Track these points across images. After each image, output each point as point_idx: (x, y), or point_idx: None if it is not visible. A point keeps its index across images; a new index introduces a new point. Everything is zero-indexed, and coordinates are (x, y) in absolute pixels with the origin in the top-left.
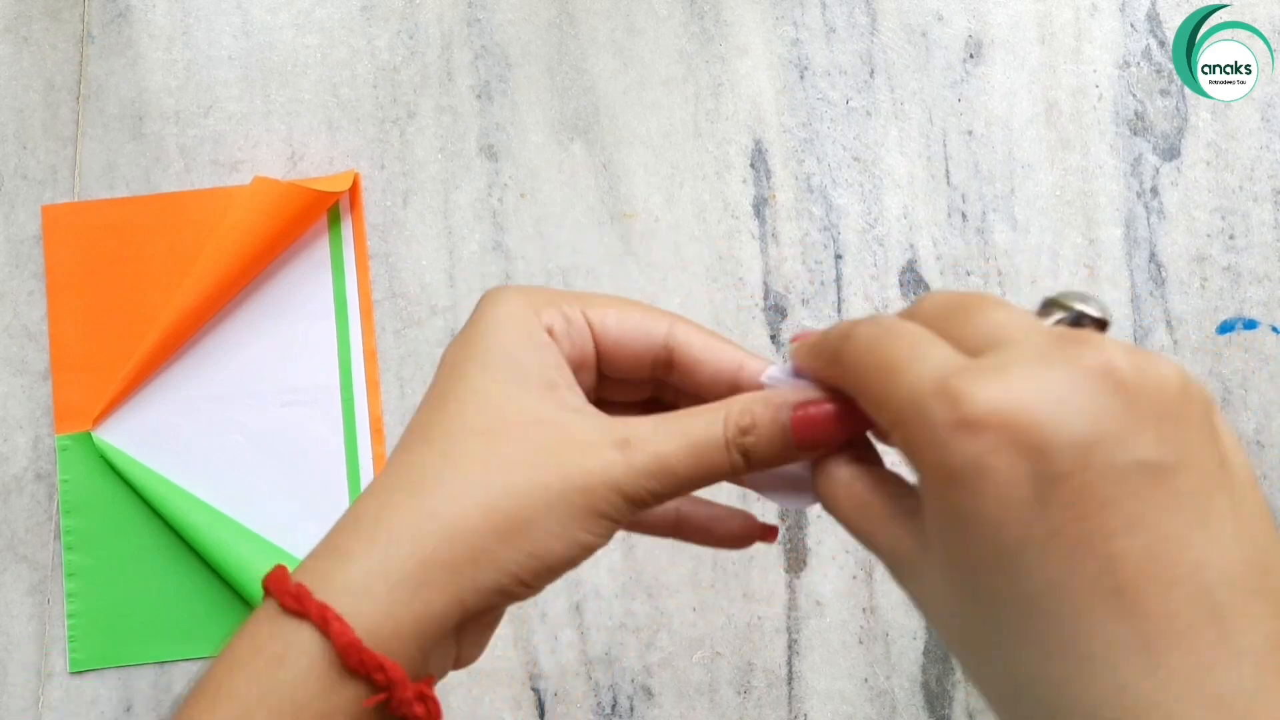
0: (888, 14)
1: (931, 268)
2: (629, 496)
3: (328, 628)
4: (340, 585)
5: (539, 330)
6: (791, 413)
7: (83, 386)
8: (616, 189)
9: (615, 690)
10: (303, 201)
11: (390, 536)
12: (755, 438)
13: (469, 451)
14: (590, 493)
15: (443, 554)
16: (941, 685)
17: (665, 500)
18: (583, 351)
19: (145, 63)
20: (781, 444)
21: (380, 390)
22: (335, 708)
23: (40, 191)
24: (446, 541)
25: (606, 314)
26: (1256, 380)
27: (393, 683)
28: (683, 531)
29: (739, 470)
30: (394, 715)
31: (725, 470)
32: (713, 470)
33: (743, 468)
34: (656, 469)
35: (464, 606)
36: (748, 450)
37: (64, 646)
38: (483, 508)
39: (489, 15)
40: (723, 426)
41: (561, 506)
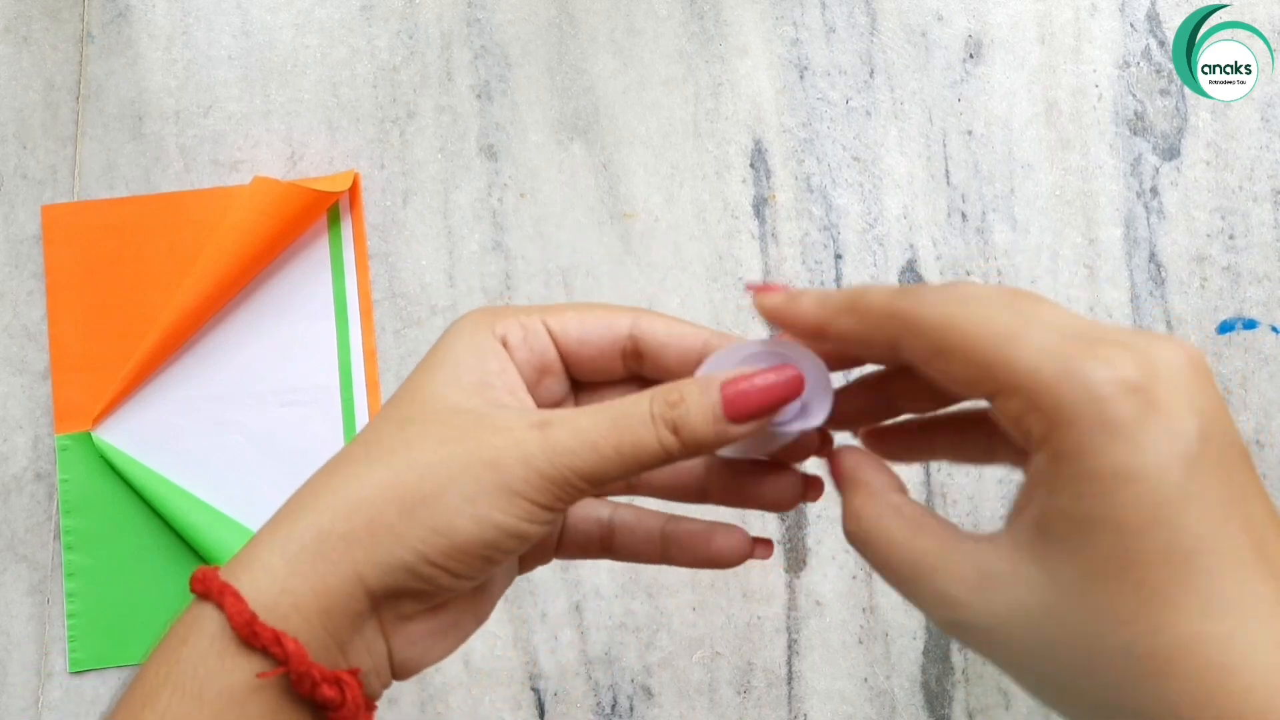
0: (888, 14)
1: (931, 268)
2: (548, 475)
3: (224, 603)
4: (244, 563)
5: (488, 338)
6: (721, 385)
7: (83, 386)
8: (616, 189)
9: (615, 690)
10: (303, 201)
11: (293, 514)
12: (683, 410)
13: (384, 436)
14: (499, 468)
15: (339, 526)
16: (941, 685)
17: (597, 483)
18: (543, 358)
19: (145, 63)
20: (712, 416)
21: (380, 390)
22: (238, 684)
23: (40, 191)
24: (343, 513)
25: (565, 318)
26: (1256, 380)
27: (289, 656)
28: (671, 552)
29: (671, 449)
30: (306, 699)
31: (654, 448)
32: (640, 447)
33: (674, 445)
34: (576, 444)
35: (364, 581)
36: (676, 424)
37: (64, 646)
38: (383, 482)
39: (489, 15)
40: (649, 402)
41: (467, 481)
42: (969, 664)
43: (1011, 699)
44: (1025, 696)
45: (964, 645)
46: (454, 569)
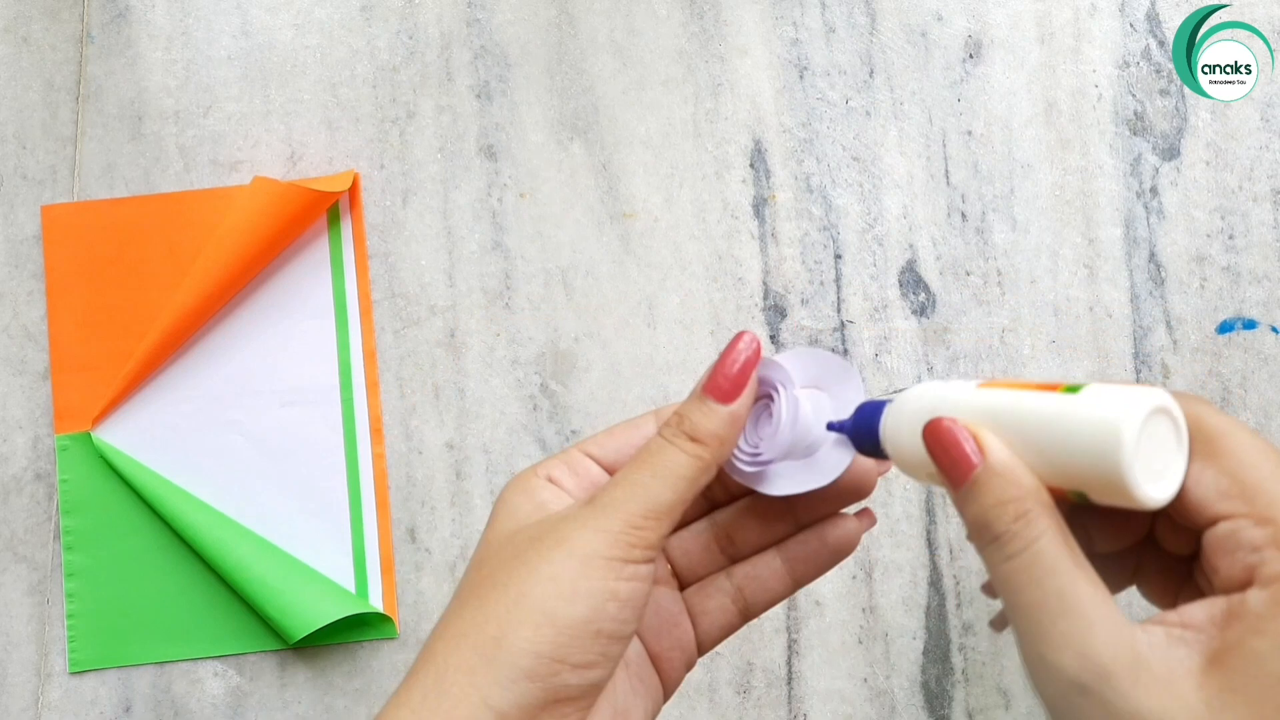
0: (887, 14)
1: (931, 268)
2: (611, 530)
3: None
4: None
5: (536, 482)
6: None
7: (82, 386)
8: (616, 189)
9: None
10: (302, 201)
11: (412, 673)
12: (688, 419)
13: (465, 585)
14: (568, 542)
15: (452, 660)
16: (941, 685)
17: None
18: (595, 482)
19: (145, 63)
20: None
21: (380, 390)
22: None
23: (40, 191)
24: (451, 647)
25: (600, 441)
26: (1256, 380)
27: None
28: (799, 574)
29: (701, 454)
30: None
31: (686, 459)
32: (675, 466)
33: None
34: (622, 493)
35: (493, 707)
36: (689, 432)
37: (64, 646)
38: (477, 611)
39: (489, 15)
40: (660, 431)
41: (546, 568)
42: (969, 664)
43: (1011, 699)
44: (1025, 696)
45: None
46: (573, 658)
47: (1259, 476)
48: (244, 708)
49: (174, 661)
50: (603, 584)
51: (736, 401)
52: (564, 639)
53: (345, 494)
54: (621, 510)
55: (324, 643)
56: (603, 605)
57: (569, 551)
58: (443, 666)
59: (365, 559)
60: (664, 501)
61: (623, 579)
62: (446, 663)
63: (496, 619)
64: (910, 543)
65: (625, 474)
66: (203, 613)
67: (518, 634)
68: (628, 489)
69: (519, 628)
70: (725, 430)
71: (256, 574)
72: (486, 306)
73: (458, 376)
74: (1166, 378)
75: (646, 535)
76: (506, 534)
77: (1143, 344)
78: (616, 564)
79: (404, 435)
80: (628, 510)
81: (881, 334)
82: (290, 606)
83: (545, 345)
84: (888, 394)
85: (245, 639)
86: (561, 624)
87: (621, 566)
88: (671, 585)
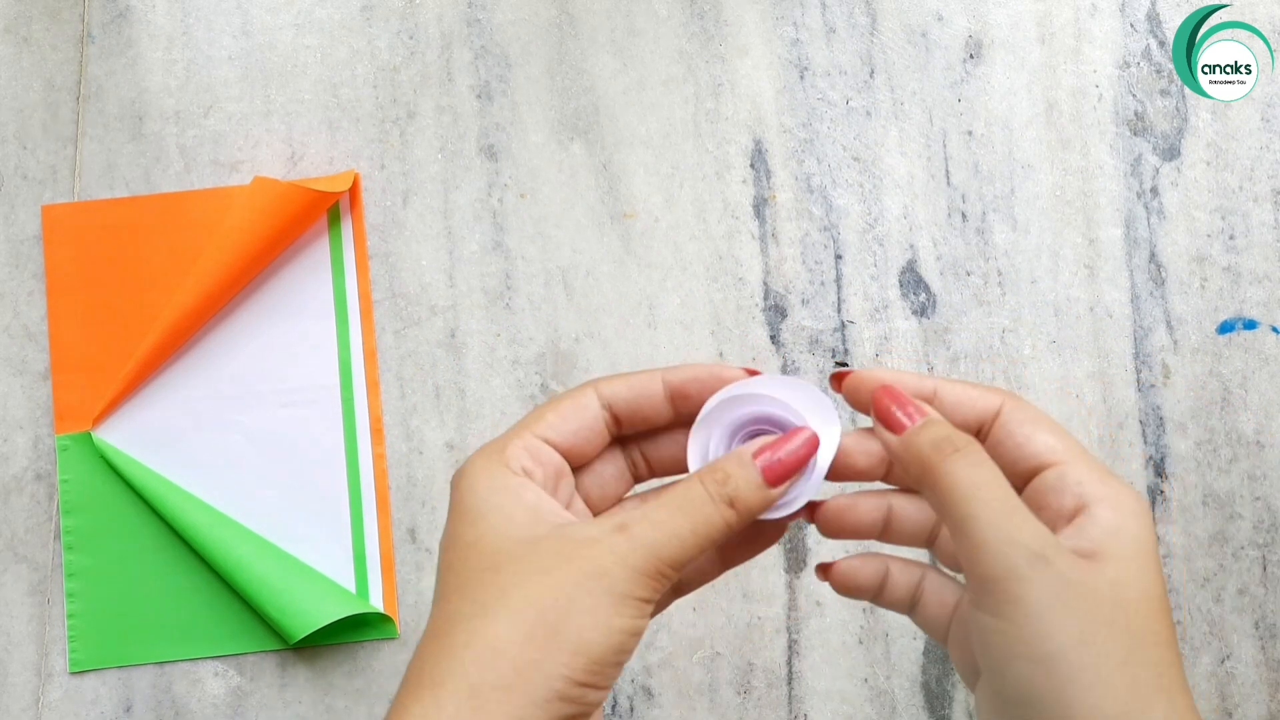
0: (888, 14)
1: (931, 268)
2: (645, 570)
3: None
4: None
5: (513, 478)
6: (754, 461)
7: (83, 386)
8: (616, 189)
9: (615, 690)
10: (303, 201)
11: (433, 680)
12: (733, 485)
13: (480, 587)
14: (607, 576)
15: (489, 677)
16: (941, 685)
17: (681, 566)
18: (556, 468)
19: (145, 63)
20: (757, 485)
21: (380, 390)
22: None
23: (40, 191)
24: (488, 664)
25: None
26: (1256, 380)
27: None
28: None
29: (731, 520)
30: None
31: (719, 522)
32: (710, 525)
33: (733, 517)
34: (660, 536)
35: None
36: (731, 499)
37: (64, 646)
38: (511, 626)
39: (489, 15)
40: (702, 486)
41: (584, 598)
42: None
43: None
44: None
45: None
46: (597, 682)
47: (1065, 439)
48: (244, 708)
49: (174, 661)
50: (632, 622)
51: (782, 487)
52: (595, 668)
53: (345, 494)
54: (656, 554)
55: (324, 643)
56: (627, 640)
57: (607, 589)
58: (477, 682)
59: (365, 559)
60: (690, 553)
61: (644, 616)
62: (482, 679)
63: (536, 644)
64: None
65: (662, 516)
66: (203, 613)
67: (556, 660)
68: (665, 533)
69: (558, 654)
70: (761, 508)
71: (257, 574)
72: (487, 306)
73: (458, 376)
74: (1167, 378)
75: (668, 579)
76: (512, 539)
77: (1143, 344)
78: (643, 604)
79: (404, 435)
80: (661, 556)
81: (882, 334)
82: (290, 606)
83: (546, 345)
84: None
85: (245, 639)
86: (595, 656)
87: (646, 606)
88: None
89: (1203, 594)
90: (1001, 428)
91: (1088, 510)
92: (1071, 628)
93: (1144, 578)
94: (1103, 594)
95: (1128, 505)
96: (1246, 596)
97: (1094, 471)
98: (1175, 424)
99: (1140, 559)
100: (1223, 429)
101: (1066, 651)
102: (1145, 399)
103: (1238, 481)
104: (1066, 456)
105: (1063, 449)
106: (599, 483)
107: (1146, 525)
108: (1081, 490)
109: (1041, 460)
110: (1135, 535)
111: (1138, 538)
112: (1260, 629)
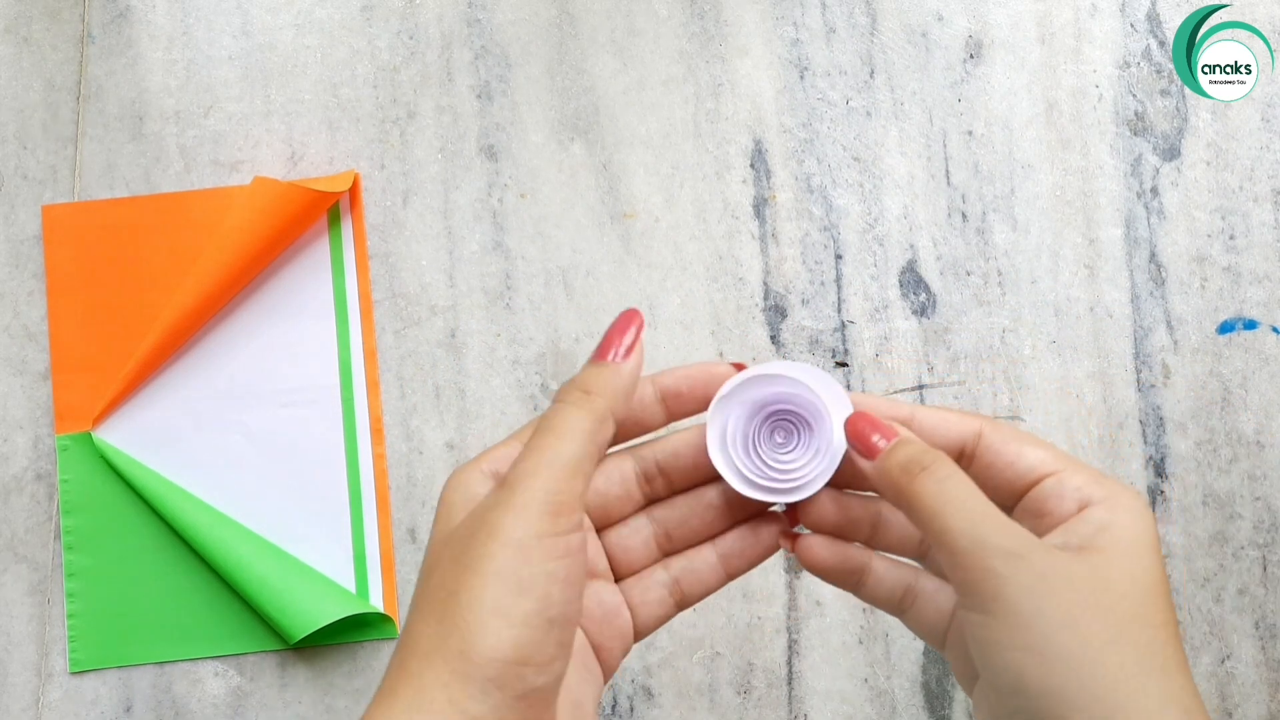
0: (888, 14)
1: (931, 268)
2: (536, 504)
3: None
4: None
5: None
6: (595, 353)
7: (83, 386)
8: (616, 189)
9: (615, 690)
10: (303, 201)
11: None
12: (580, 381)
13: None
14: (499, 531)
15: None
16: (941, 685)
17: (575, 477)
18: None
19: (145, 63)
20: (598, 365)
21: (380, 390)
22: None
23: (40, 191)
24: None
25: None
26: (1256, 380)
27: None
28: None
29: (597, 409)
30: None
31: (581, 415)
32: (570, 421)
33: (593, 404)
34: (532, 463)
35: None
36: (585, 388)
37: (64, 646)
38: (428, 612)
39: (489, 15)
40: (554, 401)
41: (490, 564)
42: None
43: None
44: None
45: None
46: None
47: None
48: (244, 708)
49: (174, 661)
50: (542, 567)
51: (630, 360)
52: (523, 638)
53: (346, 494)
54: (535, 481)
55: (324, 643)
56: (548, 591)
57: (503, 542)
58: (419, 683)
59: (366, 559)
60: (571, 458)
61: (556, 558)
62: (423, 679)
63: (458, 632)
64: None
65: (528, 445)
66: (203, 613)
67: (481, 644)
68: (534, 458)
69: (480, 637)
70: (616, 380)
71: (257, 574)
72: (487, 306)
73: (458, 376)
74: (1167, 378)
75: (565, 499)
76: (446, 536)
77: (1143, 344)
78: (548, 541)
79: (404, 435)
80: (541, 479)
81: (882, 334)
82: (290, 606)
83: (546, 345)
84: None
85: (246, 639)
86: (516, 620)
87: (554, 543)
88: (609, 579)
89: (1203, 594)
90: (987, 450)
91: (1084, 510)
92: (1053, 613)
93: (1136, 566)
94: (1085, 581)
95: (1123, 502)
96: (1246, 596)
97: (1091, 476)
98: (1175, 424)
99: (1134, 550)
100: (1223, 429)
101: (1051, 636)
102: (1145, 399)
103: (1238, 481)
104: (1062, 465)
105: (1054, 459)
106: (596, 491)
107: (1142, 519)
108: (1081, 494)
109: (1037, 473)
110: (1128, 528)
111: (1131, 531)
112: (1260, 629)
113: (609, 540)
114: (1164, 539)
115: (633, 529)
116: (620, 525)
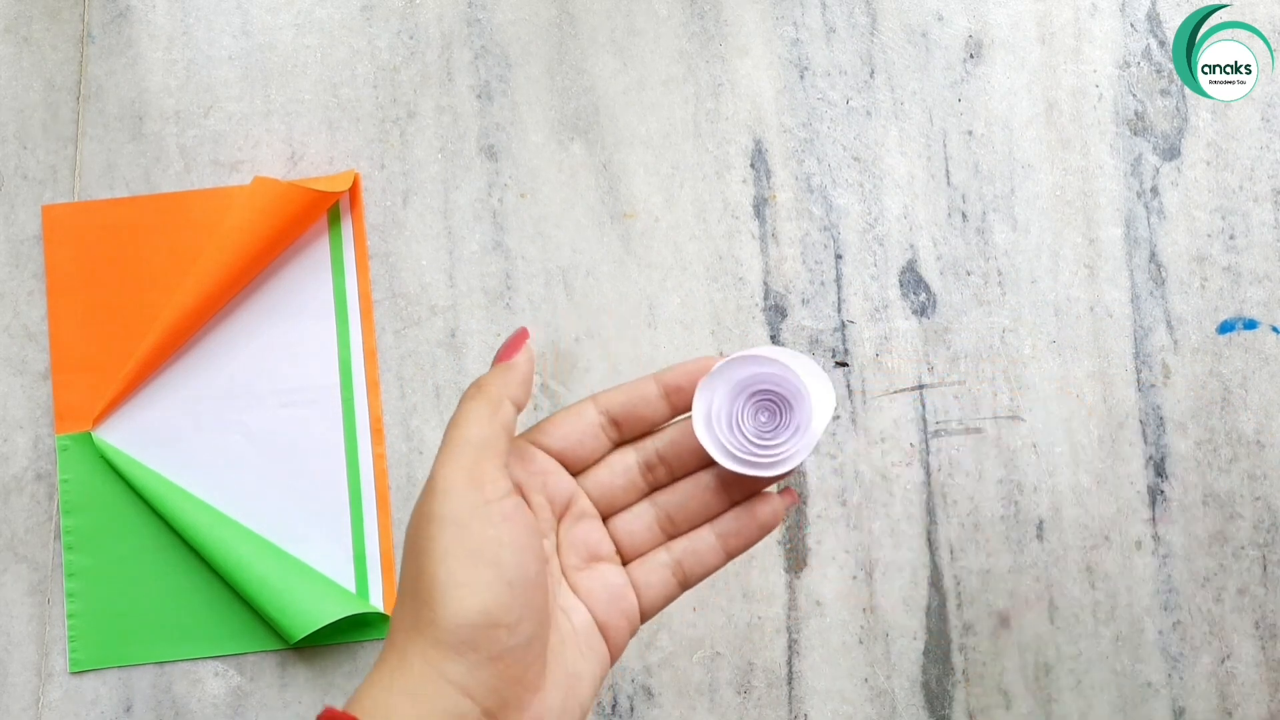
0: (888, 14)
1: (931, 268)
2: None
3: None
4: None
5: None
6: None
7: (83, 386)
8: (616, 189)
9: (615, 690)
10: (303, 201)
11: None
12: (480, 382)
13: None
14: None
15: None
16: (941, 685)
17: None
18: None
19: (145, 63)
20: (494, 367)
21: (380, 390)
22: None
23: (40, 191)
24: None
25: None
26: (1256, 380)
27: None
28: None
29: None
30: None
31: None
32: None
33: (485, 393)
34: (447, 453)
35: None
36: (478, 384)
37: (64, 646)
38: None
39: (489, 15)
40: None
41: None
42: (969, 664)
43: (1012, 699)
44: (1025, 696)
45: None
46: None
47: None
48: (244, 708)
49: (174, 661)
50: (483, 535)
51: (517, 356)
52: (487, 602)
53: (346, 494)
54: (450, 464)
55: (324, 643)
56: (497, 555)
57: (440, 524)
58: (402, 653)
59: (365, 559)
60: (476, 437)
61: (494, 524)
62: (406, 651)
63: (428, 607)
64: (911, 543)
65: (442, 440)
66: (203, 613)
67: (448, 614)
68: (446, 448)
69: (446, 608)
70: (508, 372)
71: (257, 574)
72: (487, 306)
73: (458, 376)
74: (1167, 378)
75: (481, 471)
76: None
77: (1143, 344)
78: (480, 511)
79: (404, 435)
80: (455, 461)
81: (882, 334)
82: (290, 606)
83: (546, 345)
84: None
85: (245, 639)
86: (479, 587)
87: (486, 511)
88: (615, 562)
89: (1203, 594)
90: None
91: None
92: None
93: None
94: None
95: None
96: (1246, 596)
97: None
98: (1175, 424)
99: None
100: (1223, 429)
101: None
102: (1145, 399)
103: (1238, 481)
104: None
105: None
106: (599, 482)
107: None
108: None
109: None
110: None
111: None
112: (1260, 629)
113: (614, 526)
114: (1164, 539)
115: (636, 514)
116: (625, 512)
